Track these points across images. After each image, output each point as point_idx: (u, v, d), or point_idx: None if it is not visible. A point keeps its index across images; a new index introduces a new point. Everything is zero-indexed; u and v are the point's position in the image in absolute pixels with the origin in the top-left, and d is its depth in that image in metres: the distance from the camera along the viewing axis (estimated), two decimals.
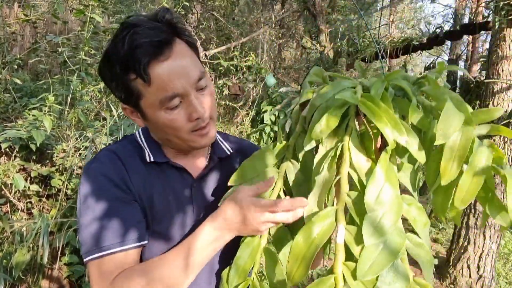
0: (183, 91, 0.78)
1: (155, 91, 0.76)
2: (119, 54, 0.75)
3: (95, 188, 0.81)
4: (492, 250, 3.85)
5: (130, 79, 0.76)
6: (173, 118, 0.79)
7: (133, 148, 0.89)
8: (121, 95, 0.81)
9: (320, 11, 7.44)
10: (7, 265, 2.26)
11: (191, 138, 0.83)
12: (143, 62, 0.73)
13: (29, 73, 4.89)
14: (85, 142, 2.86)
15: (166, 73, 0.75)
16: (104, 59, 0.79)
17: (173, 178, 0.89)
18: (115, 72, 0.77)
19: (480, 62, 6.24)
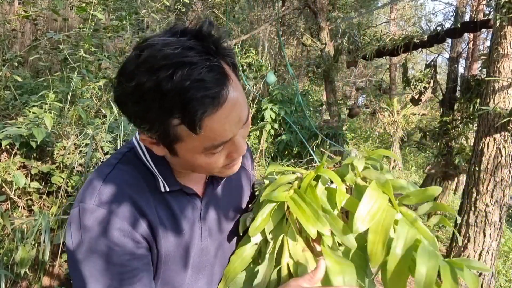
0: (232, 136, 0.68)
1: (202, 139, 0.65)
2: (162, 94, 0.60)
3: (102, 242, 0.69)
4: (492, 248, 3.85)
5: (173, 124, 0.63)
6: (212, 161, 0.71)
7: (142, 176, 0.77)
8: (151, 136, 0.68)
9: (320, 9, 7.43)
10: (8, 262, 2.27)
11: (220, 171, 0.77)
12: (199, 117, 0.61)
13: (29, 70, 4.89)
14: (86, 139, 2.86)
15: (220, 124, 0.64)
16: (135, 94, 0.62)
17: (184, 205, 0.82)
18: (150, 112, 0.63)
19: (480, 60, 6.23)
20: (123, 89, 0.64)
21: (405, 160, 14.35)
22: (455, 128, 5.87)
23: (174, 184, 0.79)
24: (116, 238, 0.69)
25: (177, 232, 0.80)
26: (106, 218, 0.69)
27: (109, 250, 0.69)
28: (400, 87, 12.62)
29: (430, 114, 12.89)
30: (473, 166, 3.98)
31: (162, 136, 0.66)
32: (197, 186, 0.86)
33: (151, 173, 0.78)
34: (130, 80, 0.62)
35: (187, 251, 0.82)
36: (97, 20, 3.47)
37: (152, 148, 0.73)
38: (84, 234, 0.69)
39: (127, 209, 0.71)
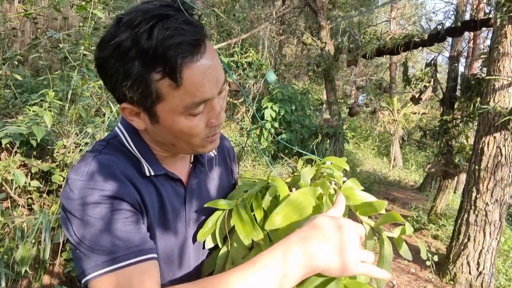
0: (211, 96, 0.70)
1: (182, 95, 0.67)
2: (142, 48, 0.63)
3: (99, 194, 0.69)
4: (492, 247, 3.86)
5: (153, 79, 0.65)
6: (193, 125, 0.72)
7: (126, 158, 0.77)
8: (132, 95, 0.68)
9: (321, 7, 7.42)
10: (8, 261, 2.27)
11: (201, 144, 0.77)
12: (179, 63, 0.63)
13: (29, 69, 4.89)
14: (86, 138, 2.86)
15: (199, 76, 0.66)
16: (116, 51, 0.65)
17: (169, 189, 0.82)
18: (132, 68, 0.65)
19: (481, 59, 6.22)
20: (105, 50, 0.66)
21: (405, 159, 14.35)
22: (455, 127, 5.87)
23: (159, 168, 0.80)
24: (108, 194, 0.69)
25: (163, 215, 0.79)
26: (97, 186, 0.69)
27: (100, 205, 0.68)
28: (401, 86, 12.61)
29: (430, 113, 12.89)
30: (473, 165, 3.98)
31: (144, 96, 0.67)
32: (181, 173, 0.86)
33: (136, 158, 0.78)
34: (112, 39, 0.65)
35: (172, 233, 0.82)
36: (97, 19, 3.47)
37: (133, 121, 0.74)
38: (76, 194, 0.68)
39: (119, 179, 0.71)
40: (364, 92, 15.00)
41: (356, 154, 12.98)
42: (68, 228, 0.69)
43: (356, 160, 11.93)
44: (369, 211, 0.78)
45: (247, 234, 0.78)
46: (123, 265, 0.65)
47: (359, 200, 0.79)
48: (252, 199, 0.84)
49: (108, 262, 0.65)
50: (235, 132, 7.25)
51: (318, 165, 0.90)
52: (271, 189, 0.83)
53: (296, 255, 0.64)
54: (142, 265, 0.67)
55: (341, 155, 7.23)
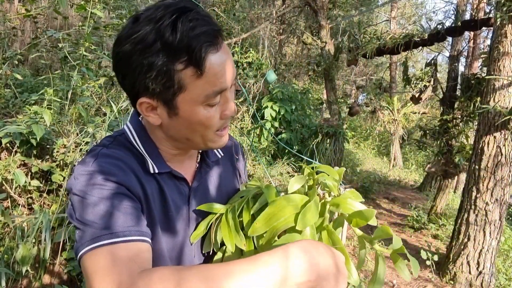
0: (226, 88, 0.74)
1: (203, 84, 0.70)
2: (167, 40, 0.66)
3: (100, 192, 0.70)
4: (492, 246, 3.86)
5: (177, 69, 0.68)
6: (210, 115, 0.74)
7: (132, 155, 0.79)
8: (155, 87, 0.70)
9: (321, 7, 7.42)
10: (8, 260, 2.27)
11: (214, 138, 0.79)
12: (204, 51, 0.67)
13: (29, 68, 4.89)
14: (86, 137, 2.86)
15: (219, 66, 0.70)
16: (140, 44, 0.67)
17: (173, 187, 0.83)
18: (157, 59, 0.67)
19: (481, 59, 6.22)
20: (127, 45, 0.68)
21: (405, 158, 14.35)
22: (455, 127, 5.87)
23: (163, 166, 0.81)
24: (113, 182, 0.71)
25: (165, 212, 0.81)
26: (102, 173, 0.71)
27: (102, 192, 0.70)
28: (401, 85, 12.60)
29: (430, 113, 12.89)
30: (473, 165, 3.98)
31: (167, 87, 0.69)
32: (186, 173, 0.87)
33: (141, 155, 0.80)
34: (133, 34, 0.67)
35: (173, 231, 0.82)
36: (97, 18, 3.46)
37: (149, 117, 0.75)
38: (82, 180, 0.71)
39: (123, 170, 0.74)
40: (364, 91, 15.00)
41: (356, 154, 12.98)
42: (72, 210, 0.71)
43: (356, 159, 11.93)
44: (360, 222, 0.76)
45: (231, 240, 0.79)
46: (120, 240, 0.66)
47: (349, 209, 0.78)
48: (242, 204, 0.84)
49: (107, 235, 0.66)
50: (235, 132, 7.25)
51: (311, 173, 0.88)
52: (262, 197, 0.83)
53: (299, 259, 0.63)
54: (137, 244, 0.68)
55: (341, 154, 7.23)
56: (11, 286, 2.33)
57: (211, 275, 0.61)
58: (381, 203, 7.62)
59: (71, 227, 2.40)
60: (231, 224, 0.81)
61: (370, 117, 14.59)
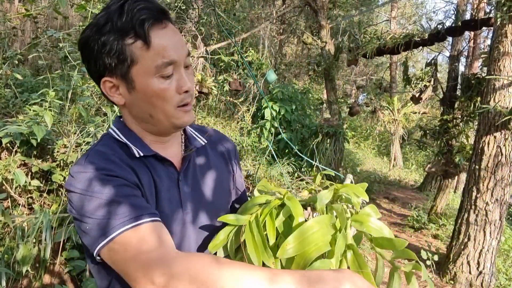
0: (178, 61, 0.80)
1: (153, 55, 0.77)
2: (115, 22, 0.76)
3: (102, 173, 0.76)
4: (492, 246, 3.86)
5: (127, 44, 0.77)
6: (164, 87, 0.80)
7: (119, 147, 0.85)
8: (111, 61, 0.78)
9: (321, 7, 7.41)
10: (9, 260, 2.27)
11: (176, 114, 0.84)
12: (146, 25, 0.76)
13: (29, 68, 4.89)
14: (86, 137, 2.86)
15: (165, 40, 0.78)
16: (94, 29, 0.78)
17: (160, 172, 0.87)
18: (109, 37, 0.77)
19: (481, 59, 6.22)
20: (87, 30, 0.80)
21: (405, 158, 14.35)
22: (456, 127, 5.86)
23: (147, 150, 0.86)
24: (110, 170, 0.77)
25: (156, 195, 0.84)
26: (98, 168, 0.77)
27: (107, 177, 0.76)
28: (401, 85, 12.60)
29: (430, 113, 12.88)
30: (473, 165, 3.98)
31: (121, 60, 0.78)
32: (172, 158, 0.91)
33: (126, 145, 0.86)
34: (90, 24, 0.80)
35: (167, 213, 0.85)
36: None
37: (113, 97, 0.84)
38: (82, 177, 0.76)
39: (116, 163, 0.80)
40: (364, 91, 14.99)
41: (356, 154, 12.98)
42: (72, 207, 0.77)
43: (357, 159, 11.92)
44: (386, 246, 0.76)
45: (258, 256, 0.77)
46: (141, 222, 0.72)
47: (373, 229, 0.77)
48: (265, 217, 0.82)
49: (128, 221, 0.71)
50: (235, 132, 7.24)
51: (336, 189, 0.87)
52: (285, 210, 0.82)
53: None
54: (155, 224, 0.73)
55: (341, 154, 7.22)
56: (11, 286, 2.33)
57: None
58: (381, 203, 7.61)
59: (71, 227, 2.40)
60: (258, 239, 0.79)
61: (370, 117, 14.57)
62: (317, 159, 6.74)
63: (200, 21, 8.01)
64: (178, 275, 0.65)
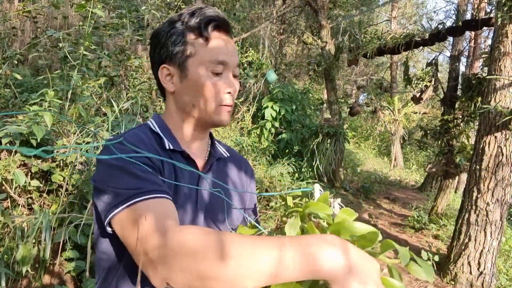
0: (230, 64, 0.92)
1: (209, 51, 0.89)
2: (187, 19, 0.91)
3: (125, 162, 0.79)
4: (493, 246, 3.85)
5: (191, 38, 0.90)
6: (213, 82, 0.90)
7: (152, 136, 0.94)
8: (173, 49, 0.91)
9: (321, 7, 7.41)
10: (8, 261, 2.27)
11: (218, 110, 0.92)
12: (210, 27, 0.90)
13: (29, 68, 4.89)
14: (86, 137, 2.86)
15: (222, 43, 0.91)
16: (166, 23, 0.94)
17: (184, 168, 0.90)
18: (175, 31, 0.91)
19: (482, 59, 6.22)
20: (160, 25, 0.95)
21: (406, 158, 14.34)
22: (456, 127, 5.86)
23: (177, 145, 0.94)
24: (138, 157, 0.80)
25: (175, 188, 0.88)
26: (130, 143, 0.82)
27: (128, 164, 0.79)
28: (401, 85, 12.60)
29: (431, 113, 12.88)
30: (474, 165, 3.98)
31: (182, 50, 0.91)
32: (196, 158, 0.97)
33: (159, 136, 0.94)
34: (165, 22, 0.95)
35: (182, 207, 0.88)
36: (97, 18, 3.46)
37: (166, 84, 0.94)
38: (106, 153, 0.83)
39: (146, 144, 0.88)
40: (364, 91, 14.98)
41: (357, 154, 12.97)
42: (98, 175, 0.83)
43: (357, 160, 11.92)
44: (365, 244, 0.72)
45: None
46: (149, 197, 0.74)
47: (352, 232, 0.73)
48: None
49: (136, 195, 0.74)
50: (235, 132, 7.24)
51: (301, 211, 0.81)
52: None
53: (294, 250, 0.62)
54: (166, 200, 0.76)
55: (341, 154, 7.22)
56: (11, 286, 2.33)
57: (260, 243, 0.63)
58: (381, 203, 7.61)
59: (71, 228, 2.39)
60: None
61: (370, 117, 14.58)
62: (317, 159, 6.74)
63: None
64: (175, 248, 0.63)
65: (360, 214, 6.31)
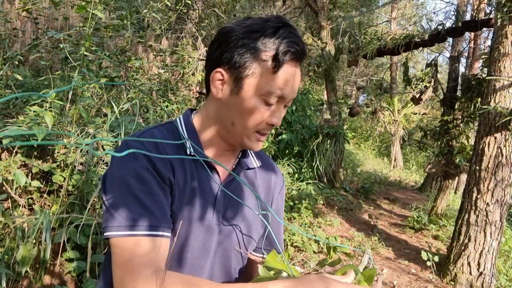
0: (286, 99, 0.85)
1: (271, 80, 0.81)
2: (266, 35, 0.80)
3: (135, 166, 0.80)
4: (492, 247, 3.85)
5: (261, 58, 0.81)
6: (260, 110, 0.83)
7: (174, 137, 0.90)
8: (238, 61, 0.82)
9: (321, 8, 7.42)
10: (9, 261, 2.27)
11: (251, 136, 0.87)
12: (287, 56, 0.80)
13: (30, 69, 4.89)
14: (87, 138, 2.86)
15: (290, 76, 0.83)
16: (246, 28, 0.83)
17: (204, 177, 0.89)
18: (253, 43, 0.81)
19: (481, 59, 6.23)
20: (234, 24, 0.84)
21: (405, 159, 14.34)
22: (456, 127, 5.86)
23: (199, 152, 0.89)
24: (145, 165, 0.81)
25: (192, 195, 0.86)
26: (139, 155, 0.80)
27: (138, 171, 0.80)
28: (401, 86, 12.59)
29: (431, 113, 12.88)
30: (474, 165, 3.98)
31: (246, 66, 0.81)
32: (220, 168, 0.92)
33: (183, 138, 0.90)
34: (244, 23, 0.84)
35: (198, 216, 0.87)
36: (98, 19, 3.47)
37: (215, 88, 0.86)
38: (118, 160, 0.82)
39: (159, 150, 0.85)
40: (364, 92, 14.99)
41: (357, 155, 12.97)
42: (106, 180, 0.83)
43: (357, 160, 11.92)
44: None
45: None
46: (140, 234, 0.75)
47: None
48: None
49: (128, 227, 0.76)
50: None
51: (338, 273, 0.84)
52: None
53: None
54: (156, 239, 0.76)
55: (341, 155, 7.22)
56: (11, 286, 2.33)
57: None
58: (381, 204, 7.61)
59: (71, 228, 2.40)
60: None
61: (370, 118, 14.57)
62: (317, 159, 6.74)
63: (201, 23, 8.02)
64: None
65: (360, 215, 6.32)
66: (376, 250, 4.79)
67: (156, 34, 5.85)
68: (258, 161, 1.02)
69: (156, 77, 5.09)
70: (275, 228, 1.02)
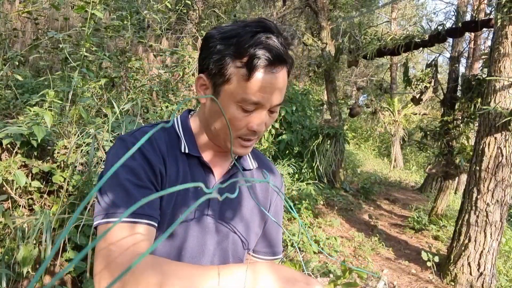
0: (264, 105, 0.82)
1: (245, 88, 0.79)
2: (240, 41, 0.79)
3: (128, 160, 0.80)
4: (492, 247, 3.85)
5: (234, 65, 0.80)
6: (238, 117, 0.83)
7: (169, 135, 0.91)
8: (213, 68, 0.83)
9: (321, 8, 7.42)
10: (9, 261, 2.27)
11: (234, 142, 0.86)
12: (258, 62, 0.78)
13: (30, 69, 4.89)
14: (87, 138, 2.86)
15: (265, 83, 0.80)
16: (223, 34, 0.82)
17: (199, 175, 0.90)
18: (227, 50, 0.80)
19: (481, 60, 6.23)
20: (215, 30, 0.84)
21: (406, 159, 14.34)
22: (456, 128, 5.86)
23: (195, 150, 0.90)
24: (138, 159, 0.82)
25: (184, 193, 0.87)
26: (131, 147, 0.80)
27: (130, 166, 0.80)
28: (401, 86, 12.60)
29: (431, 114, 12.88)
30: (474, 166, 3.98)
31: (220, 73, 0.81)
32: (215, 169, 0.93)
33: (179, 138, 0.91)
34: (225, 27, 0.83)
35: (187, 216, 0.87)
36: (98, 20, 3.47)
37: (199, 93, 0.87)
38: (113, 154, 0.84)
39: (153, 147, 0.86)
40: (364, 92, 15.00)
41: (357, 155, 12.98)
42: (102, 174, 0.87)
43: (357, 161, 11.92)
44: None
45: None
46: (121, 220, 0.71)
47: None
48: None
49: (110, 214, 0.76)
50: None
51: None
52: None
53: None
54: (136, 226, 0.76)
55: (341, 155, 7.22)
56: (11, 287, 2.33)
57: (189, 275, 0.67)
58: (381, 204, 7.61)
59: (71, 228, 2.40)
60: None
61: (370, 118, 14.57)
62: (317, 160, 6.74)
63: (201, 23, 8.02)
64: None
65: (360, 215, 6.32)
66: (376, 250, 4.78)
67: (156, 35, 5.85)
68: (255, 162, 1.02)
69: (156, 77, 5.10)
70: (274, 230, 1.03)
